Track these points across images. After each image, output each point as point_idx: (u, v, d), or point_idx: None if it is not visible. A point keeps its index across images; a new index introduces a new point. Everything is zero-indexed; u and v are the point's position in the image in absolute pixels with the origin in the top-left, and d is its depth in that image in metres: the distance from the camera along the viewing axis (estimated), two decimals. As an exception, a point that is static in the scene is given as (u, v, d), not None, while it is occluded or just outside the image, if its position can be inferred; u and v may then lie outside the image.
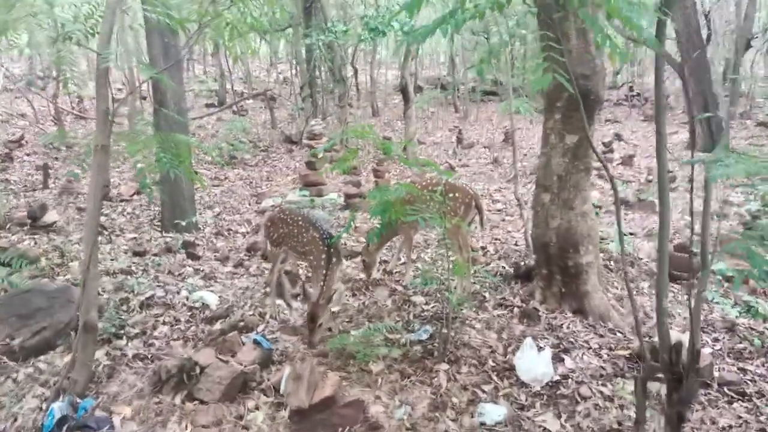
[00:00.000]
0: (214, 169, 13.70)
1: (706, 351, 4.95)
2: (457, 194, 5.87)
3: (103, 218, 9.15)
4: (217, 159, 5.11)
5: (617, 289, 6.40)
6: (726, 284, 6.57)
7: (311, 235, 5.22)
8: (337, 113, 18.14)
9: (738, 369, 4.83)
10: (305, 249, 5.33)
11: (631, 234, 8.27)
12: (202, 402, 4.31)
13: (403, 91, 14.03)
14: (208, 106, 21.64)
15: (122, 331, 5.43)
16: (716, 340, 5.39)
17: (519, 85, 26.67)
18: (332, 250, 5.10)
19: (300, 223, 5.33)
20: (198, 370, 4.61)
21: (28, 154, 14.45)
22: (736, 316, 5.91)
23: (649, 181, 12.19)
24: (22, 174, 12.59)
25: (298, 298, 5.59)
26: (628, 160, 13.61)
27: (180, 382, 4.48)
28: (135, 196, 10.74)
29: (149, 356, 5.13)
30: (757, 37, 23.62)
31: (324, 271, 5.03)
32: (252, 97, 22.36)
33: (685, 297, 6.35)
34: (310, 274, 5.51)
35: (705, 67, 15.72)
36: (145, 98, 15.76)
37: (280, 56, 32.44)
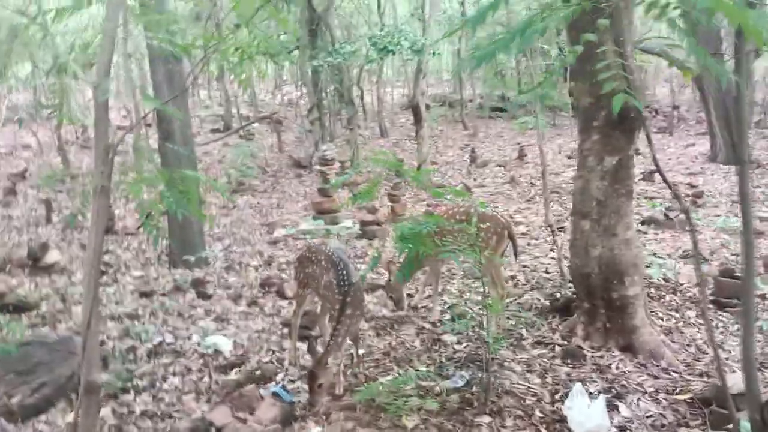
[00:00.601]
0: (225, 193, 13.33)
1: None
2: (488, 224, 5.41)
3: (107, 255, 8.72)
4: (223, 193, 4.74)
5: (662, 320, 5.90)
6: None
7: (329, 278, 4.72)
8: (345, 135, 17.78)
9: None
10: (322, 293, 4.88)
11: (664, 257, 7.75)
12: (218, 471, 3.84)
13: (415, 110, 13.63)
14: (213, 131, 21.33)
15: (129, 385, 4.98)
16: (781, 378, 4.87)
17: (528, 100, 26.40)
18: (348, 299, 4.56)
19: (322, 263, 4.85)
20: (214, 431, 4.16)
21: (32, 187, 14.11)
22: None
23: (676, 197, 11.67)
24: (25, 209, 12.22)
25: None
26: (649, 176, 13.11)
27: (194, 448, 4.02)
28: (142, 229, 10.33)
29: (159, 413, 4.66)
30: (769, 45, 23.17)
31: (335, 324, 4.54)
32: (258, 121, 22.05)
33: (736, 327, 5.85)
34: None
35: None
36: (150, 125, 15.43)
37: (285, 78, 32.25)
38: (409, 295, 6.63)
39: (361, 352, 5.35)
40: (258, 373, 5.11)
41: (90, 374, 3.98)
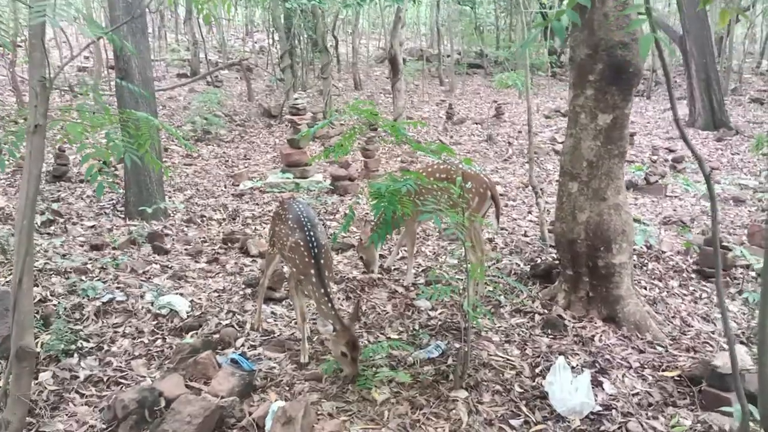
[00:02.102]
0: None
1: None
2: (470, 183, 5.01)
3: (58, 203, 8.12)
4: (184, 142, 4.25)
5: (646, 290, 5.64)
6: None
7: (296, 239, 4.24)
8: (318, 86, 17.07)
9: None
10: (287, 255, 4.37)
11: (647, 223, 7.49)
12: (167, 447, 3.44)
13: (392, 61, 13.01)
14: (180, 76, 20.34)
15: (73, 347, 4.51)
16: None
17: (505, 57, 25.81)
18: (321, 261, 4.13)
19: (290, 222, 4.36)
20: (163, 403, 3.76)
21: (-17, 128, 13.22)
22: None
23: (654, 162, 11.45)
24: (-27, 151, 11.39)
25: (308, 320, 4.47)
26: (629, 139, 12.86)
27: (141, 421, 3.62)
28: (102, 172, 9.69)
29: (105, 379, 4.24)
30: (748, 10, 22.96)
31: (322, 289, 4.06)
32: (227, 67, 21.08)
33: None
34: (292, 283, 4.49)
35: (707, 39, 14.93)
36: (112, 67, 14.51)
37: (256, 24, 31.02)
38: (382, 257, 6.26)
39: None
40: (216, 337, 4.70)
41: (22, 339, 3.52)
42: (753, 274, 6.03)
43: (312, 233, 4.19)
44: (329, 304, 4.00)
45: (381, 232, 3.93)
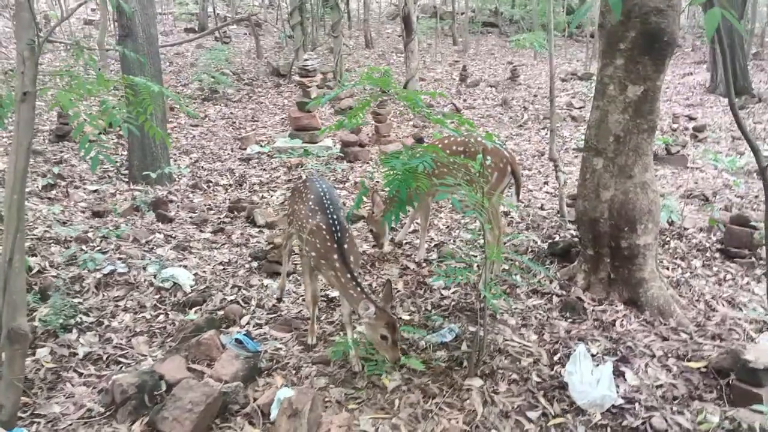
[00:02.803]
0: (193, 104, 12.32)
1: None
2: (489, 158, 4.73)
3: (60, 165, 7.88)
4: (186, 109, 4.03)
5: (668, 270, 5.40)
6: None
7: (317, 222, 3.96)
8: (328, 44, 16.59)
9: None
10: (306, 238, 4.04)
11: (667, 197, 7.19)
12: (168, 436, 3.28)
13: (405, 20, 12.51)
14: (187, 31, 19.88)
15: (72, 322, 4.35)
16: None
17: (521, 15, 25.07)
18: (345, 246, 3.86)
19: (311, 203, 4.09)
20: (164, 387, 3.60)
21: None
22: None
23: (674, 130, 11.07)
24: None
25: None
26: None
27: (140, 406, 3.47)
28: (102, 136, 9.40)
29: (105, 357, 4.09)
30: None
31: (348, 274, 3.77)
32: (235, 23, 20.56)
33: (746, 280, 5.38)
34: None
35: (732, 1, 14.29)
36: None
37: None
38: (393, 230, 6.02)
39: (336, 294, 4.81)
40: (220, 314, 4.52)
41: (14, 320, 3.33)
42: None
43: (335, 216, 3.93)
44: (358, 289, 3.73)
45: (395, 210, 3.68)
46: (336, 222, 3.90)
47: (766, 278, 2.19)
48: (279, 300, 4.72)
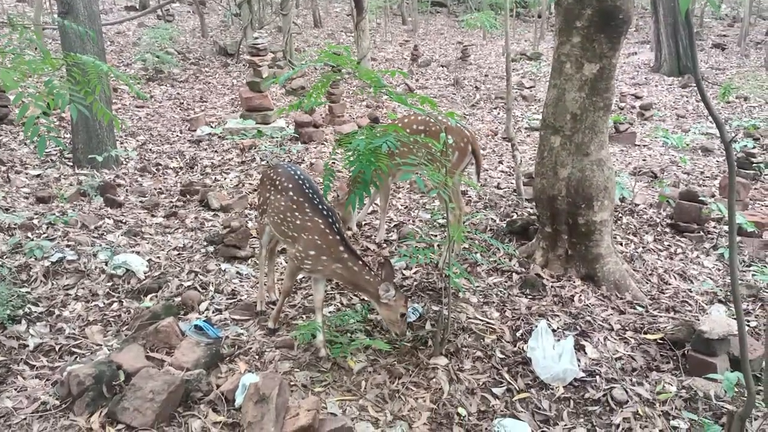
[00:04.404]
0: (137, 85, 11.89)
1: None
2: (449, 137, 4.70)
3: (-1, 150, 7.51)
4: (133, 88, 3.84)
5: (622, 245, 5.53)
6: (738, 238, 5.75)
7: (311, 218, 3.74)
8: (276, 22, 16.25)
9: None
10: (303, 237, 3.75)
11: (619, 174, 7.36)
12: (129, 427, 3.18)
13: (356, -1, 12.38)
14: (128, 9, 19.15)
15: (20, 312, 4.16)
16: (747, 313, 4.61)
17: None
18: (344, 234, 3.76)
19: (290, 193, 3.83)
20: (122, 377, 3.47)
21: None
22: (755, 276, 5.17)
23: (622, 109, 11.32)
24: None
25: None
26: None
27: (98, 397, 3.34)
28: (44, 118, 8.98)
29: (57, 348, 3.93)
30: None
31: (359, 261, 3.70)
32: (178, 0, 19.91)
33: (696, 254, 5.56)
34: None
35: (675, -17, 14.65)
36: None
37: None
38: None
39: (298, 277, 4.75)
40: (178, 300, 4.39)
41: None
42: (727, 228, 5.99)
43: (325, 206, 3.77)
44: (372, 273, 3.67)
45: (358, 192, 3.63)
46: (330, 213, 3.76)
47: (729, 250, 2.24)
48: (259, 314, 4.30)
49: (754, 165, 7.51)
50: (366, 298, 3.83)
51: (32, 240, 4.91)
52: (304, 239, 3.71)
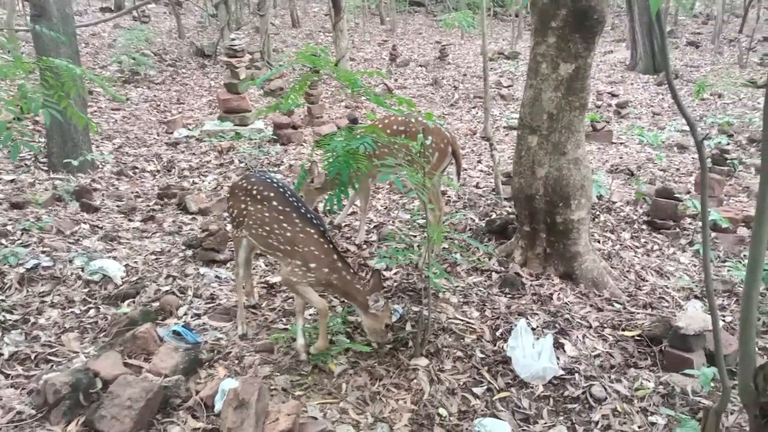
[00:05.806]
0: (113, 87, 11.74)
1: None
2: (429, 138, 4.72)
3: (-30, 155, 7.37)
4: (109, 90, 3.78)
5: (600, 243, 5.59)
6: (713, 234, 5.84)
7: (302, 229, 3.63)
8: (254, 23, 16.15)
9: None
10: (284, 248, 3.65)
11: (596, 173, 7.44)
12: (107, 435, 3.14)
13: (333, -1, 12.35)
14: (103, 10, 18.92)
15: (-6, 321, 4.09)
16: (722, 308, 4.69)
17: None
18: (335, 242, 3.76)
19: (274, 202, 3.69)
20: (100, 385, 3.42)
21: None
22: (730, 271, 5.25)
23: (598, 107, 11.43)
24: None
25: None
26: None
27: (75, 406, 3.29)
28: (15, 122, 8.84)
29: (33, 356, 3.86)
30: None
31: (351, 269, 3.69)
32: (154, 1, 19.71)
33: (672, 250, 5.64)
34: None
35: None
36: None
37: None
38: (331, 212, 5.96)
39: (277, 279, 4.73)
40: (156, 305, 4.35)
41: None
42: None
43: (314, 215, 3.71)
44: (362, 281, 3.66)
45: (336, 193, 3.63)
46: (318, 220, 3.70)
47: (703, 247, 2.27)
48: (243, 337, 4.05)
49: (728, 161, 7.63)
50: (354, 306, 3.81)
51: (6, 247, 4.83)
52: (301, 252, 3.60)
